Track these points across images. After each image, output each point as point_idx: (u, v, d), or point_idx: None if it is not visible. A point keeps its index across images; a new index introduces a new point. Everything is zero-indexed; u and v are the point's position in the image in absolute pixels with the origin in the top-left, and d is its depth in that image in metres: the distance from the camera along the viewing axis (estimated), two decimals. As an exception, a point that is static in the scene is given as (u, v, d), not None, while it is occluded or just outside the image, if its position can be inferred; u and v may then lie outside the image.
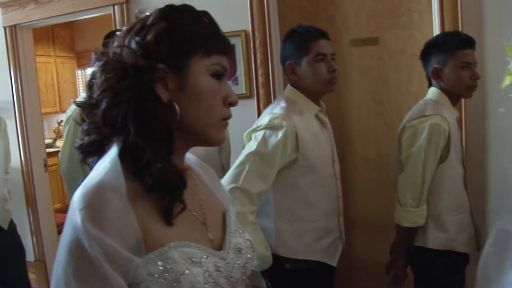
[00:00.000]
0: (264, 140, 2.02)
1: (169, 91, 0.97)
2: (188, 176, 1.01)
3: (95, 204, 0.86)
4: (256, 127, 2.09)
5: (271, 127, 2.03)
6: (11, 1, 4.31)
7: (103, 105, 0.94)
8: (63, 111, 7.92)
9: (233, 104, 1.04)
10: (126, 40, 0.98)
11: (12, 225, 3.12)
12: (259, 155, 2.00)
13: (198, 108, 0.99)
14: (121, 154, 0.94)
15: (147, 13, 1.01)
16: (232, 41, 3.33)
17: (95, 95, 0.96)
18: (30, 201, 4.49)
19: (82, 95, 2.74)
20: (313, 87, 2.16)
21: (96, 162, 0.99)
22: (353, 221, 3.26)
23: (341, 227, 2.26)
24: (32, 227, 4.53)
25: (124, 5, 3.72)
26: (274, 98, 3.23)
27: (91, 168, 1.00)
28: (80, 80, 8.64)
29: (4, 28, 4.42)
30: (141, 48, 0.95)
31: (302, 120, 2.09)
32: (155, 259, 0.90)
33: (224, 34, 1.06)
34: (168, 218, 0.95)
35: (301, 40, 2.15)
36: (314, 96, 2.19)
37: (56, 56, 7.81)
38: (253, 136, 2.08)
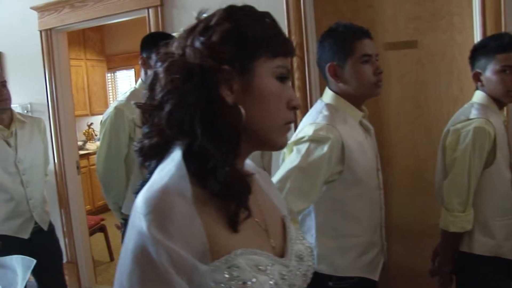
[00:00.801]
0: (308, 154, 1.86)
1: (233, 93, 0.94)
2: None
3: (160, 209, 0.83)
4: (298, 138, 1.91)
5: (316, 139, 1.86)
6: (47, 6, 4.37)
7: (168, 107, 0.91)
8: (93, 114, 8.02)
9: (296, 107, 1.01)
10: (189, 41, 0.95)
11: (51, 226, 3.17)
12: (302, 171, 1.85)
13: (263, 111, 0.97)
14: (185, 158, 0.91)
15: (205, 14, 0.99)
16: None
17: (157, 97, 0.93)
18: (63, 203, 4.53)
19: (120, 97, 2.73)
20: (358, 90, 1.99)
21: (156, 166, 0.97)
22: (389, 228, 3.20)
23: (383, 239, 2.17)
24: (65, 229, 4.56)
25: (159, 8, 3.72)
26: (311, 102, 3.19)
27: (150, 172, 0.98)
28: (109, 83, 8.72)
29: (40, 32, 4.47)
30: (207, 49, 0.92)
31: (347, 129, 1.95)
32: (221, 266, 0.87)
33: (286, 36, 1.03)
34: (233, 224, 0.92)
35: (344, 40, 1.98)
36: (358, 101, 2.04)
37: (87, 59, 7.90)
38: (295, 148, 1.91)
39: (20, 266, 2.06)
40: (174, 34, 1.02)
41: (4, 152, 2.95)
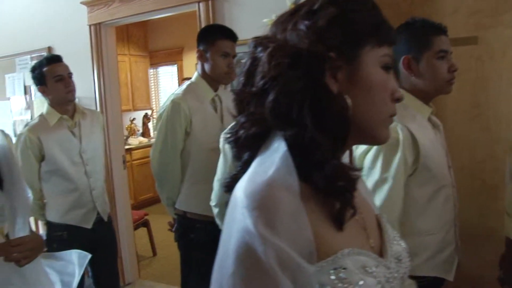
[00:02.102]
0: (385, 164, 1.81)
1: (338, 82, 0.88)
2: None
3: (267, 204, 0.77)
4: (369, 148, 1.86)
5: (389, 145, 1.79)
6: (97, 0, 4.38)
7: (272, 94, 0.85)
8: (135, 109, 8.08)
9: (399, 99, 0.94)
10: (290, 26, 0.89)
11: (110, 217, 3.18)
12: (387, 183, 1.81)
13: (368, 102, 0.90)
14: (289, 150, 0.84)
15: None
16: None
17: (258, 83, 0.87)
18: (109, 197, 4.52)
19: (177, 90, 2.71)
20: (430, 86, 1.95)
21: (249, 158, 0.92)
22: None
23: (457, 237, 2.09)
24: (110, 223, 4.58)
25: (210, 1, 3.68)
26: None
27: (243, 165, 0.93)
28: (152, 79, 8.78)
29: (89, 26, 4.49)
30: (314, 34, 0.86)
31: (417, 126, 1.90)
32: (327, 267, 0.81)
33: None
34: (339, 223, 0.86)
35: (422, 33, 1.94)
36: (428, 97, 2.00)
37: (131, 55, 7.96)
38: (369, 161, 1.85)
39: (77, 259, 2.06)
40: (264, 20, 0.96)
41: (70, 142, 2.97)
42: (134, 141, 7.83)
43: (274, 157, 0.84)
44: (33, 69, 2.96)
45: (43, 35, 4.89)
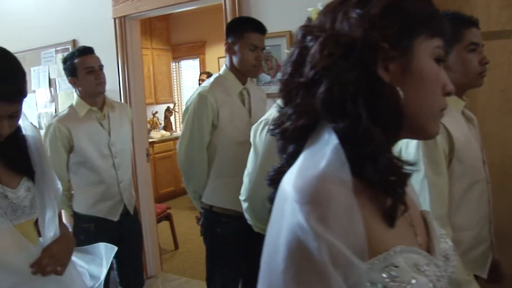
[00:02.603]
0: (431, 162, 1.78)
1: (390, 74, 0.85)
2: None
3: (320, 199, 0.74)
4: (407, 144, 1.83)
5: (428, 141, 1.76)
6: (122, -8, 4.39)
7: (325, 85, 0.82)
8: (158, 103, 8.09)
9: (450, 93, 0.91)
10: (340, 14, 0.86)
11: (136, 210, 3.19)
12: (435, 180, 1.78)
13: (420, 95, 0.87)
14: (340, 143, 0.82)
15: None
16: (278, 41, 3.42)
17: (308, 74, 0.84)
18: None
19: (204, 83, 2.68)
20: (462, 79, 1.90)
21: (294, 150, 0.89)
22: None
23: (492, 234, 2.04)
24: (133, 216, 4.58)
25: (236, -6, 3.65)
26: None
27: (288, 158, 0.90)
28: (174, 72, 8.79)
29: (114, 19, 4.49)
30: (367, 22, 0.83)
31: (451, 120, 1.86)
32: (379, 265, 0.78)
33: None
34: (390, 219, 0.83)
35: (453, 26, 1.84)
36: (459, 90, 1.93)
37: (153, 48, 7.97)
38: (411, 157, 1.79)
39: (104, 252, 2.05)
40: (309, 9, 0.93)
41: (99, 134, 2.97)
42: (156, 134, 7.85)
43: (325, 149, 0.81)
44: (65, 60, 2.97)
45: (68, 28, 4.90)
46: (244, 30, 2.57)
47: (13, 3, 5.39)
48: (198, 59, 8.57)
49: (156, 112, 8.32)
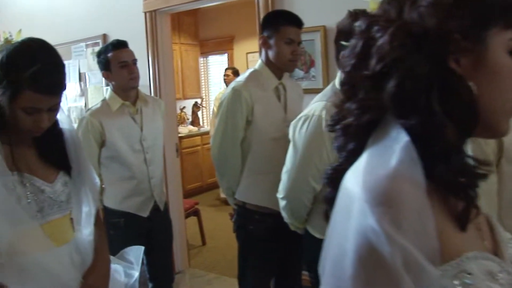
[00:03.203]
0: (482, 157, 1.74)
1: (461, 67, 0.78)
2: None
3: (392, 199, 0.69)
4: None
5: None
6: (153, -14, 4.36)
7: (395, 79, 0.76)
8: (185, 98, 8.08)
9: None
10: (408, 3, 0.80)
11: (166, 206, 3.16)
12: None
13: (494, 91, 0.80)
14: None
15: None
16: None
17: (375, 66, 0.78)
18: (162, 185, 4.54)
19: (239, 78, 2.64)
20: None
21: (355, 147, 0.84)
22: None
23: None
24: (162, 211, 4.57)
25: (269, -11, 3.59)
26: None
27: (348, 155, 0.85)
28: (202, 67, 8.78)
29: (145, 13, 4.48)
30: (440, 12, 0.76)
31: None
32: (451, 271, 0.73)
33: None
34: (462, 223, 0.78)
35: None
36: None
37: (181, 43, 7.97)
38: None
39: (133, 255, 2.02)
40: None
41: (131, 128, 2.94)
42: (184, 129, 7.84)
43: (394, 147, 0.75)
44: (99, 54, 2.96)
45: (98, 22, 4.91)
46: (280, 23, 2.51)
47: (45, -2, 5.43)
48: (226, 54, 8.54)
49: (184, 107, 8.32)
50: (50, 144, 1.74)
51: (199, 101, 8.64)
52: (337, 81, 2.10)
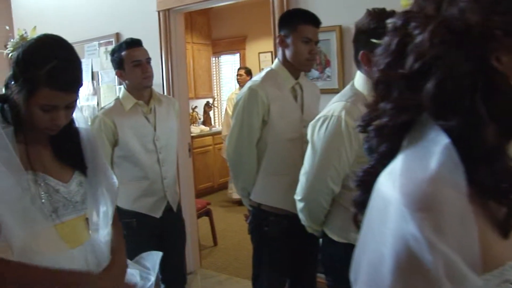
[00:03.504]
0: None
1: (503, 65, 0.74)
2: None
3: (434, 205, 0.66)
4: None
5: None
6: (167, -15, 4.34)
7: (435, 78, 0.72)
8: (197, 97, 8.07)
9: None
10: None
11: (179, 206, 3.12)
12: None
13: None
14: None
15: None
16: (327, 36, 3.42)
17: (413, 64, 0.75)
18: (174, 185, 4.51)
19: (255, 77, 2.60)
20: None
21: (387, 149, 0.80)
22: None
23: None
24: (174, 211, 4.55)
25: (284, -12, 3.56)
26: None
27: (381, 158, 0.81)
28: (213, 67, 8.76)
29: (158, 12, 4.46)
30: (483, 8, 0.72)
31: None
32: (493, 281, 0.70)
33: None
34: (505, 230, 0.74)
35: None
36: None
37: (193, 43, 7.95)
38: None
39: (150, 260, 1.99)
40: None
41: (144, 128, 2.90)
42: (195, 129, 7.82)
43: (433, 150, 0.71)
44: (113, 52, 2.93)
45: (111, 21, 4.90)
46: (297, 22, 2.47)
47: (58, -4, 5.43)
48: (239, 54, 8.52)
49: (196, 106, 8.30)
50: (65, 143, 1.71)
51: (210, 100, 8.62)
52: (356, 81, 2.07)
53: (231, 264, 4.91)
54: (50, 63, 1.48)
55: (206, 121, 8.43)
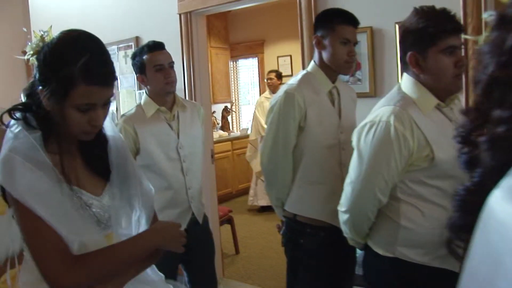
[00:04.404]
0: None
1: None
2: None
3: None
4: None
5: None
6: (189, -13, 4.23)
7: None
8: (215, 102, 7.97)
9: None
10: None
11: (205, 218, 2.96)
12: None
13: None
14: None
15: None
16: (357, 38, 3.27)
17: None
18: (197, 192, 4.39)
19: (291, 80, 2.47)
20: None
21: (498, 163, 0.67)
22: None
23: None
24: (197, 219, 4.43)
25: (313, -12, 3.43)
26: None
27: (492, 170, 0.68)
28: (231, 71, 8.66)
29: (179, 15, 4.35)
30: None
31: None
32: None
33: None
34: None
35: None
36: None
37: (211, 47, 7.84)
38: None
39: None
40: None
41: (167, 135, 2.76)
42: (215, 134, 7.71)
43: None
44: (134, 56, 2.79)
45: (131, 25, 4.82)
46: (335, 22, 2.34)
47: (76, 1, 5.34)
48: (257, 58, 8.42)
49: (214, 111, 8.20)
50: (95, 152, 1.59)
51: (229, 105, 8.51)
52: (403, 84, 1.94)
53: (254, 273, 4.78)
54: (84, 57, 1.37)
55: (225, 126, 8.33)
